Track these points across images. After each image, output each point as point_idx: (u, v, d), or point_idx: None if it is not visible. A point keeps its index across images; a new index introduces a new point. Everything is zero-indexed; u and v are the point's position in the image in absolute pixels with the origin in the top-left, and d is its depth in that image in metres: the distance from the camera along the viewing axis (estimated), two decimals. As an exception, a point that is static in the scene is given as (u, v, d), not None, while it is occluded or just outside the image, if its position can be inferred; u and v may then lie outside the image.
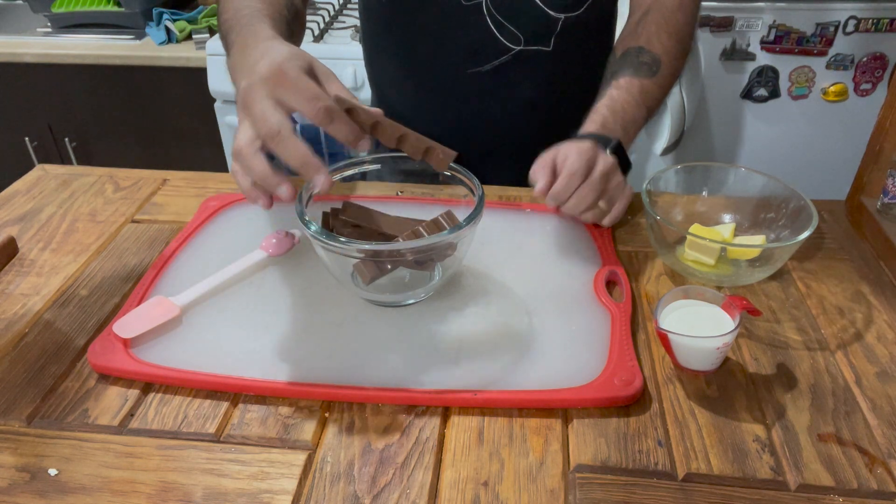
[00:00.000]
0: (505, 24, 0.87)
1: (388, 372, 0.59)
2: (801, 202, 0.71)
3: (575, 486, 0.51)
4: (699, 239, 0.69)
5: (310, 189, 0.67)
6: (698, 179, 0.79)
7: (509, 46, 0.88)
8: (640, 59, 0.81)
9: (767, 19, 1.50)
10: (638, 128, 0.80)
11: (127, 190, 0.89)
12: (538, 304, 0.67)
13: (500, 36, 0.87)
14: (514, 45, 0.88)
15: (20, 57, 1.80)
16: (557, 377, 0.58)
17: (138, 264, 0.74)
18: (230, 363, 0.59)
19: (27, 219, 0.83)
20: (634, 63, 0.81)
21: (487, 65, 0.90)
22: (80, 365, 0.61)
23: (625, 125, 0.77)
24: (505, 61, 0.90)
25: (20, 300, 0.69)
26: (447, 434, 0.55)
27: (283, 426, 0.55)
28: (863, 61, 1.54)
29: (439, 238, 0.60)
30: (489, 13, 0.86)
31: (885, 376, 0.60)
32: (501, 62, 0.90)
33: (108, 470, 0.52)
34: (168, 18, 1.80)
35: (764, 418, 0.56)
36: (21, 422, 0.56)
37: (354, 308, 0.67)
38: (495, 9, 0.86)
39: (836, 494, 0.50)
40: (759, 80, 1.57)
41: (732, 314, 0.59)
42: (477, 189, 0.66)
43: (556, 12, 0.86)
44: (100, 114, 1.90)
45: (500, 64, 0.90)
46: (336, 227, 0.68)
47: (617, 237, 0.79)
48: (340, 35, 1.75)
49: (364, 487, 0.51)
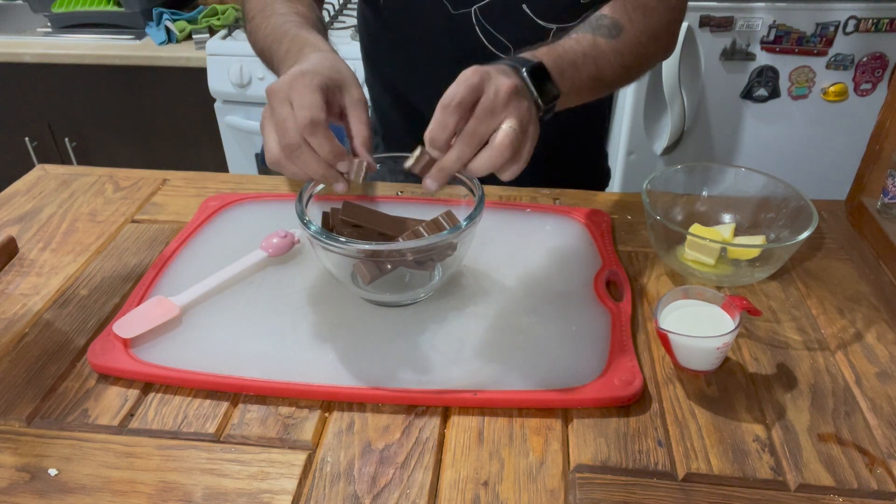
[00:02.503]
0: (494, 34, 0.86)
1: (388, 372, 0.59)
2: (801, 202, 0.71)
3: (575, 486, 0.51)
4: (699, 239, 0.69)
5: (310, 189, 0.67)
6: (698, 179, 0.79)
7: (499, 55, 0.87)
8: (598, 22, 0.73)
9: (767, 19, 1.50)
10: (579, 75, 0.67)
11: (127, 190, 0.89)
12: (538, 304, 0.67)
13: (488, 45, 0.86)
14: (503, 55, 0.87)
15: (20, 57, 1.80)
16: (557, 377, 0.58)
17: (138, 264, 0.74)
18: (230, 363, 0.60)
19: (27, 219, 0.83)
20: (592, 23, 0.73)
21: None
22: (80, 365, 0.61)
23: (558, 60, 0.65)
24: None
25: (20, 300, 0.69)
26: (447, 434, 0.55)
27: (283, 426, 0.55)
28: (863, 61, 1.54)
29: (439, 238, 0.60)
30: (478, 22, 0.85)
31: (885, 376, 0.60)
32: None
33: (108, 470, 0.52)
34: (168, 18, 1.80)
35: (764, 418, 0.56)
36: (21, 422, 0.56)
37: (354, 308, 0.67)
38: (484, 18, 0.85)
39: (836, 494, 0.50)
40: (759, 80, 1.57)
41: (732, 314, 0.59)
42: (477, 189, 0.66)
43: (548, 22, 0.85)
44: (100, 114, 1.90)
45: None
46: (336, 227, 0.68)
47: (617, 237, 0.79)
48: (340, 35, 1.75)
49: (364, 487, 0.51)
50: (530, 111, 0.58)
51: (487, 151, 0.55)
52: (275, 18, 0.73)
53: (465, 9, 0.85)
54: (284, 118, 0.54)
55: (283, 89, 0.55)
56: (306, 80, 0.55)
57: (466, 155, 0.55)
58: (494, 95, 0.55)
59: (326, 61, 0.60)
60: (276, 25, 0.72)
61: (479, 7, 0.85)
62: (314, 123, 0.53)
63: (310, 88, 0.54)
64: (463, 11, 0.85)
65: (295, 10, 0.74)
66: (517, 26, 0.85)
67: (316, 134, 0.54)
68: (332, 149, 0.55)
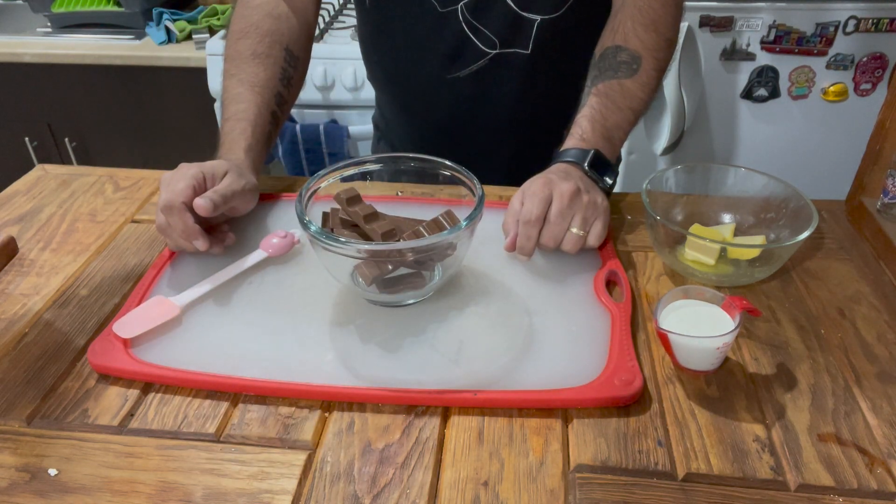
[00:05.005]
0: (480, 28, 0.86)
1: (388, 372, 0.59)
2: (801, 202, 0.71)
3: (575, 486, 0.51)
4: (699, 239, 0.69)
5: (310, 189, 0.67)
6: (698, 179, 0.79)
7: (486, 50, 0.88)
8: (618, 59, 0.79)
9: (767, 19, 1.50)
10: (624, 132, 0.79)
11: (127, 190, 0.89)
12: (538, 304, 0.67)
13: (475, 40, 0.87)
14: (490, 49, 0.88)
15: (20, 57, 1.80)
16: (557, 377, 0.58)
17: (138, 264, 0.74)
18: (230, 363, 0.60)
19: (27, 219, 0.83)
20: (613, 64, 0.79)
21: (465, 70, 0.90)
22: (80, 365, 0.61)
23: (606, 133, 0.76)
24: (483, 65, 0.89)
25: (20, 300, 0.69)
26: (447, 434, 0.55)
27: (283, 426, 0.55)
28: (863, 61, 1.54)
29: (439, 238, 0.60)
30: (464, 18, 0.85)
31: (885, 376, 0.60)
32: (480, 66, 0.89)
33: (108, 470, 0.52)
34: (168, 18, 1.80)
35: (764, 418, 0.56)
36: (21, 422, 0.56)
37: (354, 308, 0.67)
38: (470, 14, 0.85)
39: (836, 494, 0.50)
40: (759, 80, 1.57)
41: (732, 314, 0.59)
42: (477, 189, 0.66)
43: (531, 14, 0.85)
44: (100, 114, 1.90)
45: (479, 68, 0.90)
46: (336, 228, 0.68)
47: (617, 237, 0.79)
48: (340, 35, 1.75)
49: (364, 487, 0.51)
50: (593, 199, 0.71)
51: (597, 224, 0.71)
52: (231, 84, 0.83)
53: (452, 6, 0.85)
54: (160, 201, 0.69)
55: (167, 178, 0.70)
56: (181, 172, 0.70)
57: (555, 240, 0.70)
58: (560, 200, 0.68)
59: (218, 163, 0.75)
60: (228, 92, 0.83)
61: (464, 3, 0.85)
62: (169, 206, 0.67)
63: (183, 178, 0.69)
64: (450, 9, 0.85)
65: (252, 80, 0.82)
66: (502, 20, 0.86)
67: (171, 214, 0.68)
68: (185, 228, 0.68)
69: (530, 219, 0.68)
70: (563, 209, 0.68)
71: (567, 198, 0.68)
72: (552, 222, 0.68)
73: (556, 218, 0.68)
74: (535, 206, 0.68)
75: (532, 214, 0.68)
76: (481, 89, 0.92)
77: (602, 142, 0.76)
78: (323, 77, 1.66)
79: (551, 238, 0.69)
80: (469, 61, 0.89)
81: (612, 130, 0.77)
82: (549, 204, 0.68)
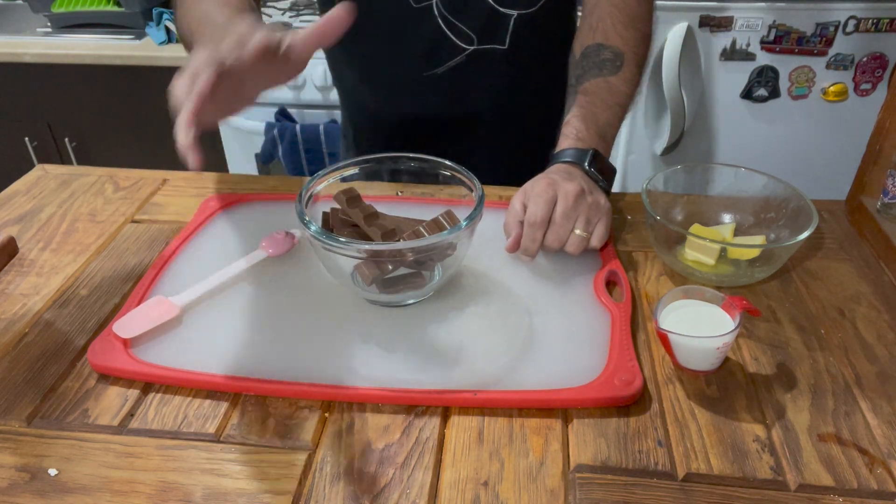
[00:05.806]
0: (456, 24, 0.86)
1: (388, 372, 0.59)
2: (801, 202, 0.71)
3: (575, 486, 0.51)
4: (699, 239, 0.69)
5: (310, 189, 0.67)
6: (698, 179, 0.79)
7: (462, 46, 0.87)
8: (601, 57, 0.80)
9: (767, 19, 1.50)
10: (615, 129, 0.79)
11: (127, 190, 0.89)
12: (538, 304, 0.67)
13: (452, 36, 0.86)
14: (467, 45, 0.87)
15: (20, 57, 1.80)
16: (557, 377, 0.58)
17: (138, 264, 0.74)
18: (230, 363, 0.60)
19: (27, 219, 0.83)
20: (597, 62, 0.80)
21: (442, 66, 0.89)
22: (80, 365, 0.61)
23: (600, 131, 0.76)
24: (460, 62, 0.89)
25: (20, 300, 0.69)
26: (447, 434, 0.55)
27: (283, 426, 0.55)
28: (863, 61, 1.54)
29: (439, 238, 0.60)
30: (440, 14, 0.85)
31: (885, 376, 0.60)
32: (456, 63, 0.89)
33: (108, 470, 0.52)
34: (168, 18, 1.80)
35: (764, 418, 0.56)
36: (21, 422, 0.56)
37: (354, 308, 0.67)
38: (445, 9, 0.85)
39: (836, 494, 0.50)
40: (759, 80, 1.57)
41: (732, 314, 0.59)
42: (477, 189, 0.66)
43: (507, 9, 0.85)
44: (100, 114, 1.90)
45: (456, 65, 0.89)
46: (336, 228, 0.68)
47: (617, 237, 0.79)
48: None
49: (364, 487, 0.51)
50: (596, 200, 0.71)
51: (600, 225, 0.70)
52: (205, 4, 0.70)
53: (426, 1, 0.84)
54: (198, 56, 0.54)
55: None
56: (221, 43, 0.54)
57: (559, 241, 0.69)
58: (564, 201, 0.68)
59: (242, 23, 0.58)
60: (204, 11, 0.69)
61: None
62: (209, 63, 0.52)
63: None
64: (425, 4, 0.85)
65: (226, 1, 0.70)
66: (479, 15, 0.86)
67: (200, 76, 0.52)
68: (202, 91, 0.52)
69: (535, 220, 0.68)
70: (567, 210, 0.68)
71: (572, 199, 0.68)
72: (557, 224, 0.68)
73: (561, 219, 0.68)
74: (541, 207, 0.68)
75: (537, 216, 0.68)
76: (459, 86, 0.91)
77: (598, 140, 0.76)
78: (323, 77, 1.67)
79: (556, 239, 0.69)
80: (445, 58, 0.89)
81: (604, 128, 0.77)
82: (554, 205, 0.68)
